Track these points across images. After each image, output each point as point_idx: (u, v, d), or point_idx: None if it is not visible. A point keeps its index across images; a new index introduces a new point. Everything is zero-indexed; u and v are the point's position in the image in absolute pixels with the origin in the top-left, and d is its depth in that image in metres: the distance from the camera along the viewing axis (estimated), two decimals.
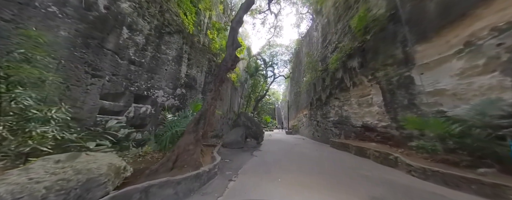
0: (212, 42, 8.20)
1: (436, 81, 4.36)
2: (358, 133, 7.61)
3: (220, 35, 8.34)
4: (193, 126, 3.42)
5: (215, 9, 9.45)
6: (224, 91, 9.62)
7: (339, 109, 9.20)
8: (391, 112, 5.66)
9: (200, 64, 6.56)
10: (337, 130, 9.19)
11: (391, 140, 5.67)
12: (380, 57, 6.02)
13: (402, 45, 5.26)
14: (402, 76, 5.24)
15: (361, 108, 7.55)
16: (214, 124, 5.44)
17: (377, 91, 6.34)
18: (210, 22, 8.01)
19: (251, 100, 17.39)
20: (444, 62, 4.23)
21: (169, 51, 4.86)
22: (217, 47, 8.54)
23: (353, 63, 7.68)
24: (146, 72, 4.04)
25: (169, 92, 4.72)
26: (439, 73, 4.32)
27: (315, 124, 12.36)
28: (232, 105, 12.08)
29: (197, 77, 6.30)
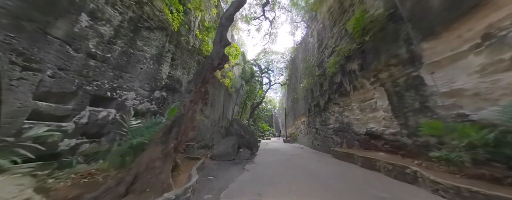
0: (202, 44, 7.70)
1: (451, 81, 3.84)
2: (362, 142, 6.89)
3: (209, 35, 7.88)
4: (162, 136, 2.65)
5: (208, 12, 9.14)
6: (216, 97, 8.91)
7: (340, 115, 8.57)
8: (400, 117, 5.04)
9: (187, 65, 5.94)
10: (339, 138, 8.44)
11: (402, 149, 4.96)
12: (383, 58, 5.58)
13: (407, 43, 4.84)
14: (410, 77, 4.73)
15: (363, 114, 6.94)
16: (195, 133, 4.64)
17: (382, 94, 5.79)
18: (202, 24, 7.60)
19: (246, 107, 16.64)
20: (459, 59, 3.75)
21: (147, 48, 4.23)
22: (208, 49, 8.02)
23: (353, 66, 7.25)
24: (112, 69, 3.34)
25: (144, 94, 3.98)
26: (454, 71, 3.81)
27: (314, 132, 11.59)
28: (225, 112, 11.29)
29: (182, 79, 5.62)
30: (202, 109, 7.10)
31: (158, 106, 4.21)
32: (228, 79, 11.74)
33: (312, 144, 11.92)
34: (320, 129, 10.63)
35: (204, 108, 7.29)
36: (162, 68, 4.65)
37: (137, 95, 3.83)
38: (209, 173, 4.23)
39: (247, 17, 12.99)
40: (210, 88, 8.24)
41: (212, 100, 8.30)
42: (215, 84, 8.83)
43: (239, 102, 15.99)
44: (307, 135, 13.60)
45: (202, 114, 7.13)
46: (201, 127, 6.96)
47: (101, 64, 3.07)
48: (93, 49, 2.95)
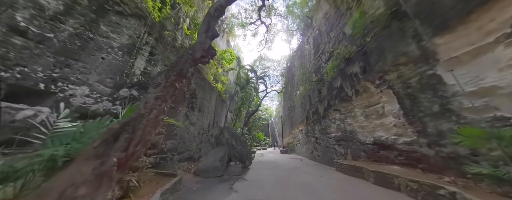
0: (192, 43, 7.05)
1: (477, 78, 3.26)
2: (370, 152, 6.06)
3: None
4: (99, 145, 1.73)
5: (202, 12, 8.71)
6: (206, 101, 8.02)
7: (341, 123, 7.83)
8: (416, 123, 4.34)
9: (170, 63, 5.16)
10: (342, 149, 7.57)
11: (422, 162, 4.17)
12: (389, 57, 5.08)
13: (416, 40, 4.38)
14: (424, 76, 4.16)
15: (369, 121, 6.23)
16: (158, 142, 3.70)
17: (390, 97, 5.17)
18: (192, 22, 7.06)
19: (241, 115, 15.68)
20: (483, 52, 3.23)
21: (116, 35, 3.46)
22: None
23: (354, 69, 6.75)
24: (54, 54, 2.50)
25: (104, 91, 3.08)
26: (479, 67, 3.27)
27: (314, 141, 10.68)
28: (217, 119, 10.28)
29: None
30: (187, 114, 6.15)
31: (124, 108, 3.30)
32: (221, 84, 10.98)
33: (312, 155, 10.91)
34: (320, 138, 9.76)
35: (189, 113, 6.35)
36: (136, 62, 3.85)
37: (92, 91, 2.93)
38: (182, 198, 3.18)
39: (243, 22, 12.84)
40: (199, 92, 7.40)
41: (200, 105, 7.39)
42: (205, 87, 8.00)
43: (233, 109, 15.05)
44: (305, 145, 12.62)
45: (187, 120, 6.15)
46: (185, 135, 5.94)
47: (34, 45, 2.24)
48: (22, 22, 2.15)
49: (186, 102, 6.08)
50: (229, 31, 16.00)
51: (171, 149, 5.06)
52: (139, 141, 2.02)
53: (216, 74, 10.21)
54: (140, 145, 2.07)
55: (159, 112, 2.35)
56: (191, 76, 6.49)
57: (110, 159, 1.71)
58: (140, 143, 2.04)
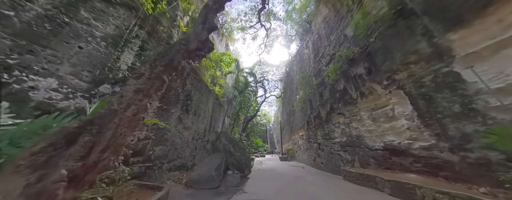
0: None
1: (503, 73, 2.96)
2: (380, 159, 5.57)
3: None
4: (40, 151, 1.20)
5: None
6: (202, 104, 7.50)
7: (346, 127, 7.39)
8: (434, 126, 3.95)
9: None
10: (348, 155, 7.05)
11: (445, 169, 3.71)
12: (397, 56, 4.83)
13: (426, 37, 4.15)
14: (439, 74, 3.86)
15: (377, 124, 5.83)
16: (144, 148, 3.15)
17: (401, 98, 4.83)
18: (191, 21, 6.77)
19: (239, 119, 15.08)
20: (506, 46, 2.97)
21: (100, 24, 3.04)
22: None
23: (358, 70, 6.49)
24: (12, 36, 2.03)
25: (79, 86, 2.58)
26: (503, 61, 2.99)
27: (316, 147, 10.12)
28: (214, 124, 9.68)
29: None
30: (181, 117, 5.60)
31: None
32: (219, 87, 10.54)
33: (314, 162, 10.28)
34: (323, 144, 9.22)
35: (184, 116, 5.80)
36: (122, 55, 3.39)
37: (62, 84, 2.42)
38: None
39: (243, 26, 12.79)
40: (195, 93, 6.91)
41: (196, 108, 6.86)
42: (202, 89, 7.53)
43: (231, 113, 14.48)
44: (307, 151, 12.01)
45: (181, 124, 5.58)
46: (177, 141, 5.33)
47: None
48: None
49: (180, 104, 5.56)
50: (228, 35, 15.94)
51: (160, 157, 4.43)
52: (107, 146, 1.50)
53: (214, 76, 9.81)
54: (109, 152, 1.54)
55: (139, 109, 1.86)
56: (186, 76, 6.04)
57: (56, 171, 1.18)
58: (108, 148, 1.52)
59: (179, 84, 5.49)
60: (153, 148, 4.14)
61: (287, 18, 14.72)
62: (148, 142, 3.99)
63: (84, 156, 1.36)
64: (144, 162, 3.84)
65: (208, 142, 8.32)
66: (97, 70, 2.86)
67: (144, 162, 3.82)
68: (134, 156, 3.58)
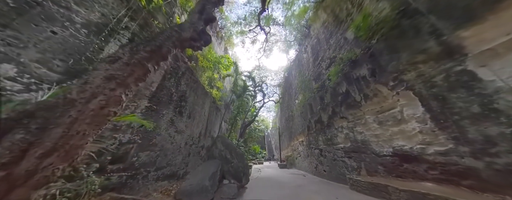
0: None
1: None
2: (390, 166, 5.14)
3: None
4: None
5: None
6: (197, 107, 7.04)
7: (350, 132, 7.02)
8: (450, 128, 3.63)
9: None
10: (354, 162, 6.60)
11: (468, 177, 3.32)
12: (404, 56, 4.63)
13: (434, 36, 3.98)
14: (452, 73, 3.63)
15: (384, 128, 5.49)
16: (127, 154, 2.67)
17: (410, 100, 4.55)
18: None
19: (237, 124, 14.52)
20: None
21: (82, 9, 2.69)
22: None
23: (361, 72, 6.28)
24: None
25: (47, 77, 2.14)
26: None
27: (318, 154, 9.61)
28: (210, 128, 9.14)
29: None
30: (173, 119, 5.11)
31: None
32: (216, 90, 10.15)
33: (316, 169, 9.70)
34: (325, 150, 8.75)
35: (176, 118, 5.31)
36: (107, 46, 3.01)
37: (23, 73, 1.99)
38: None
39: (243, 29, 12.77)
40: (190, 94, 6.48)
41: (191, 110, 6.39)
42: (198, 91, 7.12)
43: (228, 118, 13.94)
44: (307, 158, 11.44)
45: (173, 127, 5.09)
46: (168, 146, 4.80)
47: None
48: None
49: (173, 105, 5.11)
50: (227, 40, 15.90)
51: (146, 164, 3.88)
52: (53, 149, 1.05)
53: (212, 78, 9.46)
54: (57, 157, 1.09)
55: (109, 101, 1.44)
56: (181, 75, 5.66)
57: None
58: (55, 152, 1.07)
59: (172, 83, 5.09)
60: (138, 153, 3.61)
61: (286, 24, 14.91)
62: (132, 147, 3.48)
63: (12, 162, 0.92)
64: (126, 170, 3.29)
65: (203, 148, 7.73)
66: (72, 59, 2.45)
67: (125, 170, 3.28)
68: (113, 163, 3.06)
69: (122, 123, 3.26)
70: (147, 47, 1.90)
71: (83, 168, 2.09)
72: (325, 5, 10.45)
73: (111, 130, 3.06)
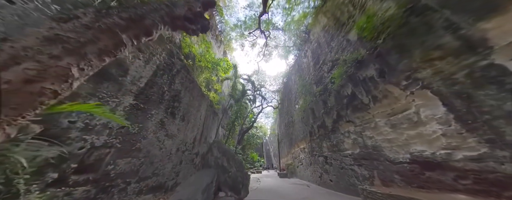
0: (183, 40, 6.03)
1: None
2: (409, 175, 4.57)
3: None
4: None
5: None
6: (192, 109, 6.46)
7: (358, 137, 6.50)
8: (481, 130, 3.18)
9: (147, 48, 3.90)
10: (365, 170, 5.98)
11: (510, 187, 2.78)
12: (416, 53, 4.33)
13: (450, 30, 3.71)
14: (476, 68, 3.28)
15: (398, 131, 5.01)
16: (100, 160, 2.08)
17: (428, 99, 4.14)
18: None
19: (235, 130, 13.79)
20: None
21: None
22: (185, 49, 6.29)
23: (368, 72, 5.95)
24: None
25: None
26: None
27: (322, 161, 8.93)
28: (206, 133, 8.44)
29: (129, 63, 3.42)
30: (164, 121, 4.51)
31: None
32: (214, 93, 9.64)
33: (321, 179, 8.94)
34: (331, 157, 8.11)
35: (168, 120, 4.71)
36: None
37: None
38: None
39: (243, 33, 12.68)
40: (185, 95, 5.94)
41: (185, 112, 5.80)
42: (194, 92, 6.59)
43: (225, 123, 13.25)
44: (310, 166, 10.69)
45: (162, 130, 4.46)
46: (155, 152, 4.13)
47: None
48: None
49: (164, 105, 4.54)
50: (226, 44, 15.79)
51: (126, 173, 3.20)
52: None
53: (209, 80, 8.99)
54: None
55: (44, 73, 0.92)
56: (176, 73, 5.17)
57: None
58: None
59: (165, 80, 4.57)
60: (115, 161, 2.96)
61: (285, 29, 15.01)
62: (108, 152, 2.84)
63: None
64: (97, 182, 2.63)
65: (198, 155, 6.98)
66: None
67: (96, 182, 2.61)
68: (79, 172, 2.41)
69: (97, 122, 2.67)
70: (124, 13, 1.44)
71: (22, 180, 1.46)
72: (325, 10, 10.53)
73: (81, 129, 2.46)
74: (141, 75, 3.69)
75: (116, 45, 1.38)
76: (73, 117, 2.37)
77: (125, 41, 1.43)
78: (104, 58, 1.32)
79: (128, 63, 3.39)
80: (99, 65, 1.31)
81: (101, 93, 2.81)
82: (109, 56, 1.35)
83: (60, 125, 2.21)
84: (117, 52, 1.41)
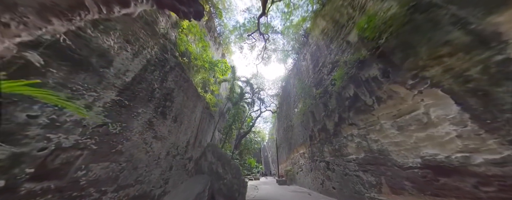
0: (179, 37, 5.77)
1: None
2: (421, 182, 4.20)
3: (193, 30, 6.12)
4: None
5: None
6: (186, 110, 6.05)
7: (363, 140, 6.15)
8: (503, 130, 2.89)
9: (135, 39, 3.58)
10: (371, 176, 5.57)
11: None
12: (423, 50, 4.14)
13: (459, 25, 3.55)
14: (491, 63, 3.06)
15: (406, 134, 4.70)
16: (68, 164, 1.69)
17: (438, 98, 3.89)
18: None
19: (232, 134, 13.25)
20: None
21: None
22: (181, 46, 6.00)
23: (371, 72, 5.75)
24: None
25: None
26: None
27: (324, 167, 8.46)
28: (201, 137, 7.94)
29: (114, 53, 3.07)
30: (152, 121, 4.08)
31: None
32: (211, 94, 9.26)
33: (323, 186, 8.42)
34: (333, 163, 7.67)
35: (157, 121, 4.28)
36: None
37: None
38: None
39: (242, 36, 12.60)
40: (179, 94, 5.55)
41: (178, 113, 5.39)
42: (189, 92, 6.21)
43: (222, 127, 12.74)
44: (311, 172, 10.16)
45: (150, 131, 4.02)
46: (140, 156, 3.66)
47: None
48: None
49: (154, 103, 4.14)
50: (225, 47, 15.68)
51: (102, 181, 2.72)
52: None
53: (206, 81, 8.65)
54: None
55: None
56: (169, 70, 4.82)
57: None
58: None
59: (156, 76, 4.21)
60: (88, 165, 2.50)
61: (284, 33, 15.08)
62: (79, 155, 2.39)
63: None
64: (62, 190, 2.16)
65: (191, 160, 6.45)
66: None
67: (60, 190, 2.14)
68: (38, 179, 1.95)
69: (68, 118, 2.26)
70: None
71: None
72: (324, 13, 10.61)
73: (44, 126, 2.04)
74: (128, 69, 3.33)
75: (73, 6, 1.04)
76: (35, 111, 1.97)
77: (88, 4, 1.10)
78: (50, 19, 0.97)
79: (113, 53, 3.04)
80: (43, 27, 0.96)
81: (76, 85, 2.42)
82: (59, 18, 1.00)
83: (14, 119, 1.79)
84: (74, 17, 1.07)
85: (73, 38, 2.39)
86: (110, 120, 2.87)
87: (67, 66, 2.32)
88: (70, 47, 2.35)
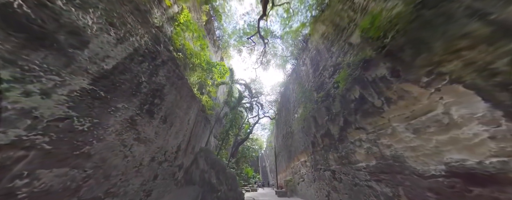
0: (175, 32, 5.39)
1: None
2: (448, 193, 3.63)
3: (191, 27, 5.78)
4: None
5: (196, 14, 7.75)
6: (178, 110, 5.45)
7: (373, 146, 5.63)
8: None
9: (123, 25, 3.13)
10: (386, 187, 4.95)
11: None
12: (437, 45, 3.87)
13: (476, 17, 3.31)
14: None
15: (423, 137, 4.23)
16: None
17: (460, 96, 3.50)
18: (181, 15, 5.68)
19: (228, 140, 12.44)
20: None
21: None
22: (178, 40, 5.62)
23: (378, 72, 5.44)
24: None
25: None
26: None
27: (329, 177, 7.74)
28: (195, 142, 7.20)
29: (91, 34, 2.59)
30: (135, 119, 3.46)
31: None
32: (207, 96, 8.73)
33: (329, 198, 7.60)
34: (340, 172, 7.00)
35: (141, 119, 3.67)
36: None
37: None
38: None
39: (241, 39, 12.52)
40: (170, 91, 5.01)
41: (168, 113, 4.80)
42: (183, 91, 5.68)
43: (218, 133, 11.98)
44: (314, 182, 9.34)
45: (132, 131, 3.39)
46: (116, 161, 2.99)
47: None
48: None
49: (139, 99, 3.57)
50: (224, 51, 15.56)
51: (54, 193, 2.04)
52: None
53: (203, 82, 8.16)
54: None
55: None
56: (161, 64, 4.33)
57: None
58: None
59: (144, 69, 3.70)
60: (34, 171, 1.85)
61: (283, 38, 15.18)
62: (23, 156, 1.76)
63: None
64: None
65: (182, 168, 5.67)
66: None
67: None
68: None
69: (10, 105, 1.68)
70: None
71: None
72: (323, 18, 10.71)
73: None
74: (108, 55, 2.82)
75: None
76: None
77: None
78: None
79: (90, 34, 2.55)
80: None
81: (30, 63, 1.89)
82: None
83: None
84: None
85: (34, 7, 1.91)
86: (76, 114, 2.28)
87: (19, 38, 1.81)
88: (28, 16, 1.86)
